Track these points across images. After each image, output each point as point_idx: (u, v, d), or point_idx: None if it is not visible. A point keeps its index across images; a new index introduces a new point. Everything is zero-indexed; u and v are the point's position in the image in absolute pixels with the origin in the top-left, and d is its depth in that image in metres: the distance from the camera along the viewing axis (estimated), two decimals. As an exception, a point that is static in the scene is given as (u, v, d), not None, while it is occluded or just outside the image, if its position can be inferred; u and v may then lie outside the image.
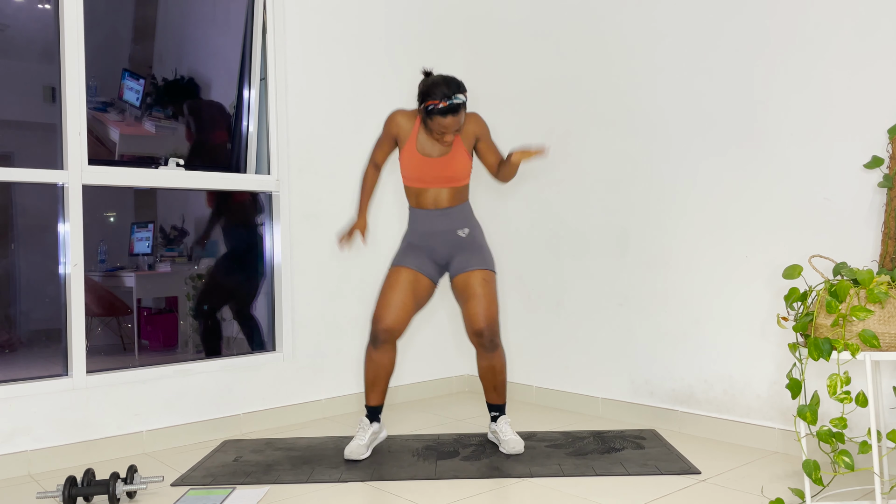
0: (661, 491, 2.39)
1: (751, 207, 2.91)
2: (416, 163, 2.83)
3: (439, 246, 2.90)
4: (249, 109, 3.63)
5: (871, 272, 2.07)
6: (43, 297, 3.40)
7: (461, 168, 2.85)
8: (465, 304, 2.83)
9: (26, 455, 2.79)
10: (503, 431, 2.90)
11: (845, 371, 2.09)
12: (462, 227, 2.90)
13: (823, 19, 2.68)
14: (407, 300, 2.83)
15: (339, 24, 3.74)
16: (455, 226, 2.89)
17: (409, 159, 2.83)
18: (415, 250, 2.91)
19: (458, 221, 2.90)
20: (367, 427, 2.89)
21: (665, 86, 3.19)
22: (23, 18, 3.20)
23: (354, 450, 2.82)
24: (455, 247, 2.90)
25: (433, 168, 2.82)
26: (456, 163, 2.83)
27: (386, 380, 2.90)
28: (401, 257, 2.91)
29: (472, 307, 2.81)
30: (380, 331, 2.82)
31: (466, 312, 2.83)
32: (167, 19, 3.63)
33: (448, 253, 2.90)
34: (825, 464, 2.66)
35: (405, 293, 2.83)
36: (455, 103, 2.68)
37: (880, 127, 2.55)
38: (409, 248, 2.92)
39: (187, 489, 2.54)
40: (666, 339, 3.20)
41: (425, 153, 2.83)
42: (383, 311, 2.82)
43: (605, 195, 3.44)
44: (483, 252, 2.90)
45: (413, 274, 2.86)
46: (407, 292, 2.83)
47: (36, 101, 3.29)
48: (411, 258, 2.88)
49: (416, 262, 2.88)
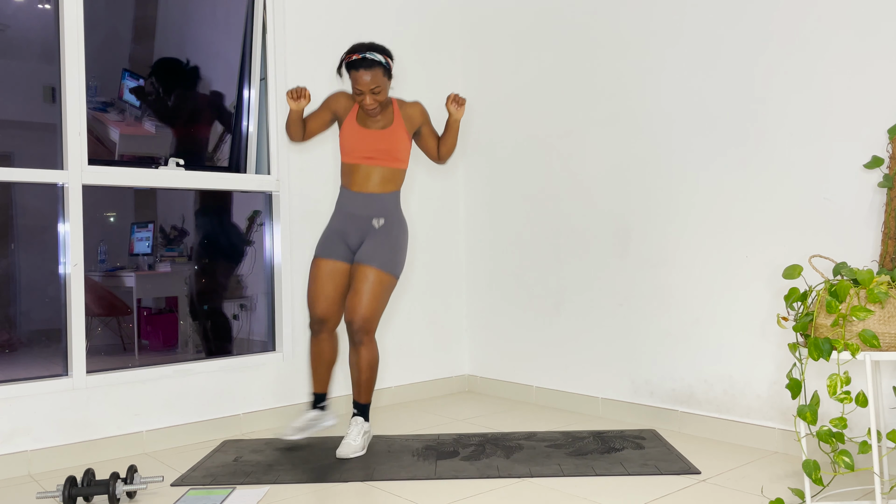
0: (661, 491, 2.39)
1: (751, 207, 2.91)
2: (353, 133, 2.87)
3: (353, 231, 2.94)
4: (249, 109, 3.63)
5: (871, 272, 2.07)
6: (43, 297, 3.40)
7: (398, 143, 2.88)
8: (349, 294, 2.88)
9: (26, 455, 2.79)
10: (349, 432, 2.89)
11: (845, 371, 2.09)
12: (378, 217, 2.92)
13: (824, 19, 2.68)
14: (331, 291, 2.92)
15: (338, 24, 3.74)
16: (372, 214, 2.91)
17: (348, 130, 2.88)
18: (332, 237, 2.96)
19: (376, 210, 2.92)
20: (324, 415, 3.02)
21: (665, 86, 3.19)
22: (23, 18, 3.20)
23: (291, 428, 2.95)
24: (365, 235, 2.93)
25: (370, 140, 2.85)
26: (394, 137, 2.87)
27: (327, 367, 2.99)
28: (321, 247, 2.97)
29: (350, 298, 2.86)
30: (313, 322, 2.95)
31: (346, 302, 2.89)
32: (167, 19, 3.63)
33: (359, 239, 2.94)
34: (825, 464, 2.66)
35: (328, 284, 2.92)
36: (369, 59, 2.76)
37: (880, 127, 2.55)
38: (329, 234, 2.97)
39: (187, 489, 2.54)
40: (666, 339, 3.20)
41: (364, 125, 2.88)
42: (313, 303, 2.93)
43: (606, 195, 3.44)
44: (387, 249, 2.89)
45: (332, 264, 2.93)
46: (329, 283, 2.92)
47: (36, 101, 3.29)
48: (329, 247, 2.95)
49: (333, 251, 2.93)
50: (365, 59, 2.75)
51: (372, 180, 2.88)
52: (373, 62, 2.76)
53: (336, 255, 2.92)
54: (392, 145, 2.86)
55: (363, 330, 2.84)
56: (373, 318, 2.84)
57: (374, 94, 2.78)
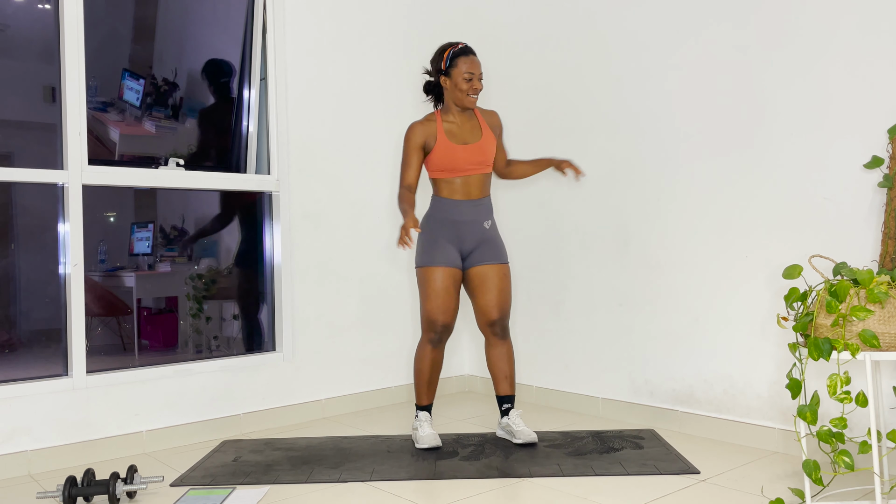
0: (661, 491, 2.39)
1: (751, 207, 2.90)
2: (451, 152, 2.92)
3: (467, 236, 2.98)
4: (249, 109, 3.63)
5: (871, 272, 2.07)
6: (43, 297, 3.40)
7: (491, 153, 2.99)
8: (481, 294, 2.98)
9: (26, 455, 2.79)
10: (516, 423, 2.99)
11: (845, 371, 2.09)
12: (487, 219, 3.02)
13: (824, 19, 2.68)
14: (452, 299, 2.96)
15: (339, 23, 3.74)
16: (482, 217, 3.01)
17: (444, 152, 2.92)
18: (443, 245, 2.96)
19: (484, 213, 3.02)
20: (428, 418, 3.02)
21: (665, 85, 3.19)
22: (23, 18, 3.20)
23: (432, 436, 2.93)
24: (479, 238, 3.00)
25: (467, 154, 2.93)
26: (487, 146, 2.97)
27: (437, 377, 3.06)
28: (433, 255, 2.95)
29: (489, 298, 2.97)
30: (440, 331, 2.96)
31: (480, 302, 2.98)
32: (167, 19, 3.63)
33: (473, 244, 2.99)
34: (825, 464, 2.66)
35: (452, 292, 2.96)
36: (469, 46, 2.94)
37: (880, 127, 2.55)
38: (437, 242, 2.96)
39: (187, 489, 2.54)
40: (666, 338, 3.20)
41: (459, 141, 2.95)
42: (438, 313, 2.94)
43: (606, 195, 3.43)
44: (501, 245, 3.05)
45: (451, 272, 2.95)
46: (453, 290, 2.96)
47: (36, 101, 3.29)
48: (442, 255, 2.95)
49: (449, 259, 2.95)
50: (468, 47, 2.93)
51: (475, 187, 2.98)
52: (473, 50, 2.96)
53: (453, 263, 2.95)
54: (487, 157, 2.98)
55: (506, 322, 3.02)
56: (509, 310, 3.03)
57: (480, 80, 2.94)
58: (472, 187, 2.97)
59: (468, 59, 2.90)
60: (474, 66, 2.90)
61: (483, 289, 2.97)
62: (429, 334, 2.96)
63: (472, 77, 2.90)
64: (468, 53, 2.91)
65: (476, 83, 2.91)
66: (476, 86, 2.91)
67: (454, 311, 2.96)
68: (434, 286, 2.93)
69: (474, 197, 2.98)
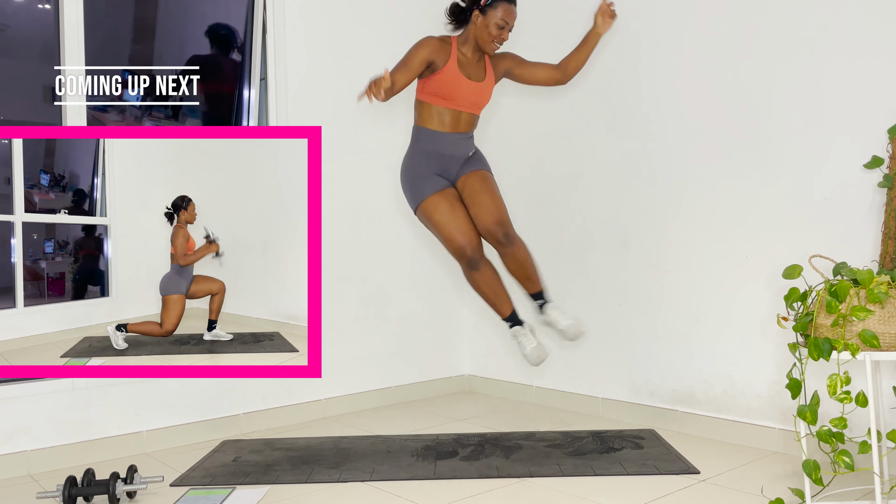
0: (661, 491, 2.39)
1: (751, 207, 2.90)
2: (456, 81, 2.82)
3: (452, 166, 2.90)
4: (249, 109, 3.63)
5: (871, 272, 2.07)
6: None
7: (488, 95, 2.91)
8: (472, 205, 2.84)
9: (26, 455, 2.79)
10: (557, 318, 2.88)
11: (845, 371, 2.09)
12: (472, 149, 2.95)
13: (824, 20, 2.68)
14: (463, 216, 2.83)
15: (339, 23, 3.74)
16: (467, 150, 2.92)
17: (450, 78, 2.81)
18: (430, 176, 2.87)
19: (469, 146, 2.93)
20: (525, 328, 2.92)
21: (665, 86, 3.19)
22: (23, 18, 3.20)
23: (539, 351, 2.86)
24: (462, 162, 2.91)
25: (470, 91, 2.85)
26: (487, 90, 2.89)
27: (503, 287, 2.91)
28: (424, 187, 2.87)
29: (480, 209, 2.81)
30: (471, 253, 2.81)
31: (473, 214, 2.83)
32: (167, 19, 3.62)
33: (458, 170, 2.90)
34: (825, 464, 2.66)
35: (457, 210, 2.83)
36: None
37: (880, 127, 2.54)
38: (424, 175, 2.88)
39: (187, 489, 2.54)
40: (666, 338, 3.20)
41: (465, 74, 2.84)
42: (458, 236, 2.80)
43: (605, 195, 3.43)
44: (483, 160, 2.95)
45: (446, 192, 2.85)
46: (457, 208, 2.83)
47: (36, 101, 3.28)
48: (431, 184, 2.86)
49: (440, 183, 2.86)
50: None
51: (465, 122, 2.89)
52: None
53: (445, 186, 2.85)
54: (484, 99, 2.90)
55: (505, 226, 2.82)
56: (505, 215, 2.84)
57: (510, 31, 2.82)
58: (461, 122, 2.88)
59: (508, 8, 2.76)
60: (511, 16, 2.77)
61: (472, 200, 2.83)
62: (462, 262, 2.85)
63: (505, 27, 2.79)
64: (511, 1, 2.78)
65: (505, 34, 2.80)
66: (504, 36, 2.81)
67: (471, 227, 2.83)
68: (440, 213, 2.83)
69: (463, 130, 2.89)
